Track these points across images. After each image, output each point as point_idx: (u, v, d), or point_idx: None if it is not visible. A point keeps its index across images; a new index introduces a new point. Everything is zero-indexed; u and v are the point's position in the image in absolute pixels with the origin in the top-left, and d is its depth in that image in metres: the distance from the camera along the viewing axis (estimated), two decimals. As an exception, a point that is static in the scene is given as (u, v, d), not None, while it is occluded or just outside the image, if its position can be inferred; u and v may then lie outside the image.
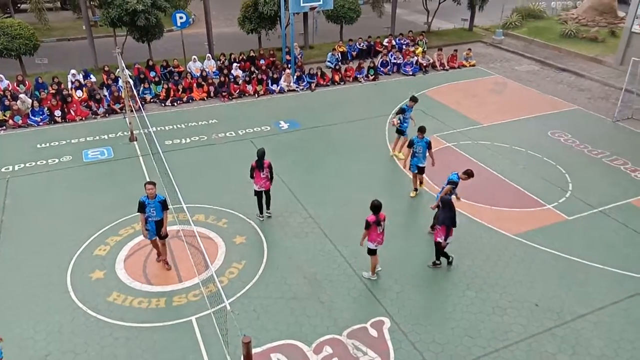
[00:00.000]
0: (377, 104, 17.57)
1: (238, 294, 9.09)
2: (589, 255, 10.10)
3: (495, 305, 8.90)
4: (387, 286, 9.30)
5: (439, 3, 25.51)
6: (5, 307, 8.80)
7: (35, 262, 9.86)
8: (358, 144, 14.39)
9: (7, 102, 16.18)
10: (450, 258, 9.73)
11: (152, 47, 20.84)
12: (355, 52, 22.20)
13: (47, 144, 14.66)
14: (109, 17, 18.67)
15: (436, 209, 9.90)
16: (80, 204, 11.77)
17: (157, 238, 9.49)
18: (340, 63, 21.02)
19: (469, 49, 22.40)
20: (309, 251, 10.24)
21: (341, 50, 21.85)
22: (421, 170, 11.93)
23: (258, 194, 10.91)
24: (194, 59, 19.78)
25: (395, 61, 21.01)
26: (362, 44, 22.41)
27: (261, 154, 10.51)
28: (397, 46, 22.45)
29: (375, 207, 8.89)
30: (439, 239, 9.42)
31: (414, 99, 13.33)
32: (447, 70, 21.18)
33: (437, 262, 9.72)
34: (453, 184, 9.94)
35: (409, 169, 12.08)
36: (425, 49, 22.32)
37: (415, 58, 21.14)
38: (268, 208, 11.18)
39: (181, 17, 19.94)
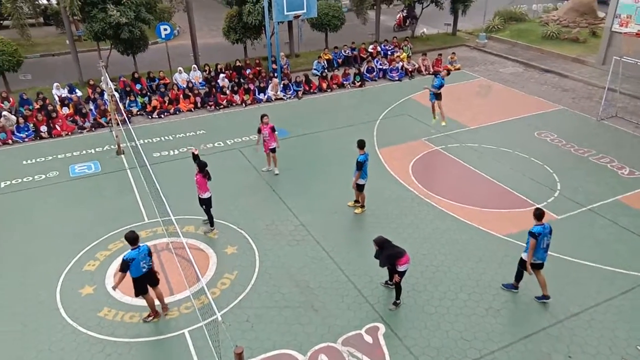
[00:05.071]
0: (364, 110, 17.64)
1: (231, 304, 9.00)
2: (580, 253, 10.17)
3: (488, 306, 8.91)
4: (381, 292, 9.26)
5: (422, 9, 25.78)
6: (-8, 328, 8.63)
7: (24, 280, 9.68)
8: (346, 150, 14.36)
9: (-9, 119, 15.99)
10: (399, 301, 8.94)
11: (138, 60, 20.76)
12: (340, 59, 22.31)
13: (33, 160, 14.48)
14: (92, 31, 18.57)
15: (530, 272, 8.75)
16: (68, 220, 11.61)
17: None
18: (326, 70, 21.10)
19: (453, 53, 22.62)
20: (301, 259, 10.18)
21: (327, 57, 21.94)
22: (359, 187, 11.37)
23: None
24: (180, 70, 19.72)
25: (381, 67, 21.14)
26: (347, 51, 22.52)
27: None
28: (382, 52, 22.60)
29: (260, 118, 12.76)
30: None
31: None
32: (432, 74, 21.31)
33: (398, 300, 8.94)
34: (534, 236, 8.47)
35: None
36: (410, 54, 22.50)
37: (401, 63, 21.29)
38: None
39: (165, 29, 19.90)
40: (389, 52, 22.59)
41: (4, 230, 11.27)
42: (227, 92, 18.57)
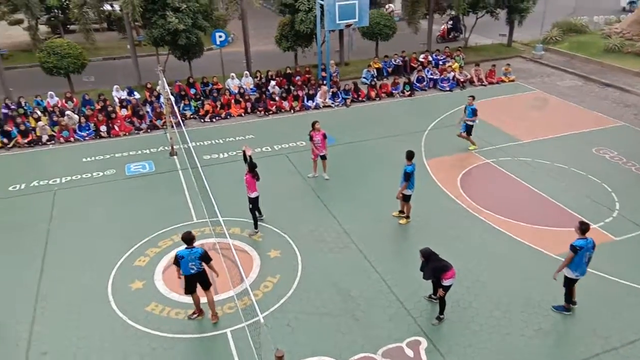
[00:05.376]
0: (413, 120, 17.44)
1: (272, 307, 9.09)
2: (639, 277, 9.59)
3: (538, 327, 8.55)
4: (424, 305, 9.09)
5: (477, 19, 25.29)
6: (49, 315, 9.09)
7: (79, 272, 10.17)
8: (393, 159, 14.23)
9: (55, 118, 16.99)
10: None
11: (193, 65, 21.48)
12: (390, 68, 22.21)
13: (93, 158, 15.23)
14: (152, 37, 19.41)
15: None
16: (122, 216, 12.12)
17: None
18: (375, 79, 21.06)
19: (508, 64, 22.03)
20: (343, 267, 10.16)
21: (376, 66, 21.90)
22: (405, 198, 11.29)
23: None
24: (232, 76, 20.25)
25: (431, 77, 20.88)
26: (397, 60, 22.41)
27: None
28: (433, 62, 22.33)
29: (312, 124, 12.99)
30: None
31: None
32: (485, 85, 20.86)
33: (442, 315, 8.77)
34: (574, 250, 8.30)
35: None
36: (462, 65, 22.09)
37: (452, 74, 20.94)
38: None
39: (220, 36, 20.50)
40: (441, 62, 22.28)
41: (63, 224, 11.90)
42: (276, 98, 18.89)
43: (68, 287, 9.75)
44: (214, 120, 17.99)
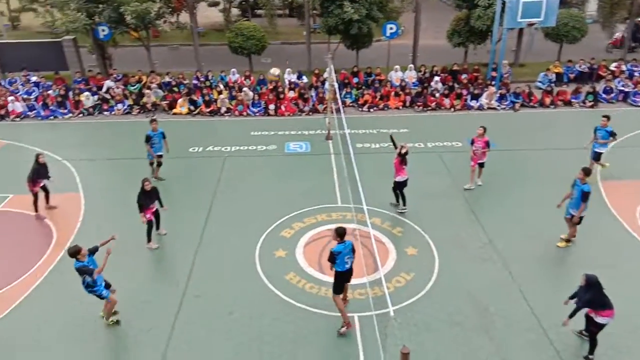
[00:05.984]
0: (591, 134, 15.43)
1: (402, 304, 8.99)
2: None
3: None
4: (571, 339, 8.13)
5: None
6: (205, 265, 10.26)
7: (235, 232, 11.27)
8: (559, 174, 12.83)
9: (234, 93, 18.95)
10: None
11: (360, 55, 22.00)
12: (573, 75, 19.98)
13: (259, 133, 16.66)
14: (327, 25, 20.35)
15: None
16: (277, 189, 13.06)
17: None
18: (553, 85, 19.15)
19: None
20: (483, 279, 9.58)
21: (557, 71, 19.89)
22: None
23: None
24: (396, 68, 20.25)
25: (622, 88, 18.24)
26: (583, 66, 20.03)
27: None
28: (627, 72, 19.46)
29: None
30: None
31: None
32: None
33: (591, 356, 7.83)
34: None
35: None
36: (665, 78, 18.87)
37: (651, 87, 18.03)
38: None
39: (391, 28, 20.62)
40: (636, 74, 19.31)
41: (228, 187, 13.27)
42: (437, 95, 18.38)
43: (224, 243, 10.89)
44: (371, 110, 18.26)
